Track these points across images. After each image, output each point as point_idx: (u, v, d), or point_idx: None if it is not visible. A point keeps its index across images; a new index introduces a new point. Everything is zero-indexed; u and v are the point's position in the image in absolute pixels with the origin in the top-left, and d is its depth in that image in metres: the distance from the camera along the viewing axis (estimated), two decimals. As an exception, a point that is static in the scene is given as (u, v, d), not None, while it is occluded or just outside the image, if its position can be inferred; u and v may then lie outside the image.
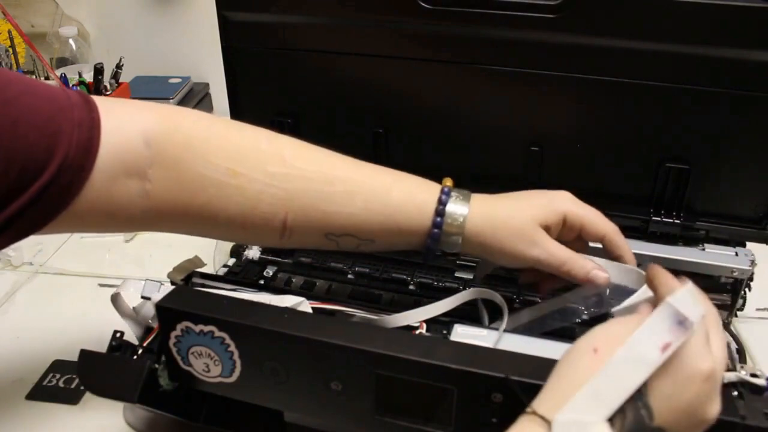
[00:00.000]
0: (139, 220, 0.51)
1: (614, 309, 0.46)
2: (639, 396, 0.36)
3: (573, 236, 0.52)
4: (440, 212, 0.49)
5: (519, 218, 0.50)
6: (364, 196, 0.50)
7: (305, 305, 0.54)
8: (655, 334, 0.36)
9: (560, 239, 0.51)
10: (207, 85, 1.31)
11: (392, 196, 0.50)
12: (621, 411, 0.35)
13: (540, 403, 0.37)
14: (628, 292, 0.49)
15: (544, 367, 0.43)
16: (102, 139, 0.46)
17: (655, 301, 0.41)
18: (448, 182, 0.52)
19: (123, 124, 0.48)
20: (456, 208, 0.50)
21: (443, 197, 0.50)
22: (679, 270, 0.61)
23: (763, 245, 0.65)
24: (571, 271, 0.50)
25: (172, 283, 0.59)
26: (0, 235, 0.43)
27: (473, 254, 0.52)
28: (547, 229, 0.50)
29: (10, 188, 0.42)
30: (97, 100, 0.48)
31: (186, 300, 0.51)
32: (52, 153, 0.43)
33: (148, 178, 0.48)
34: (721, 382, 0.39)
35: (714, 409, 0.38)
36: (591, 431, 0.34)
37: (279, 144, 0.51)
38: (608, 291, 0.51)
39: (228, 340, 0.49)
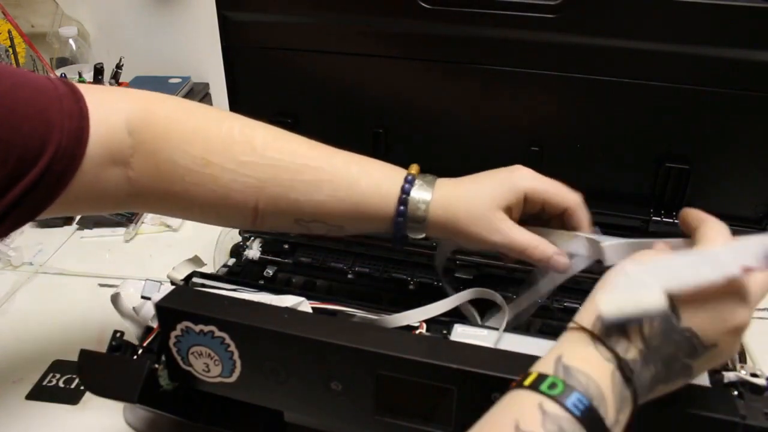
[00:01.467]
0: (124, 203, 0.53)
1: (606, 243, 0.47)
2: None
3: (537, 210, 0.52)
4: (403, 201, 0.51)
5: (479, 204, 0.50)
6: (332, 185, 0.52)
7: (305, 305, 0.54)
8: (745, 256, 0.37)
9: (526, 213, 0.52)
10: (207, 85, 1.31)
11: (359, 185, 0.52)
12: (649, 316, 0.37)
13: (577, 318, 0.40)
14: (587, 259, 0.50)
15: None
16: (90, 129, 0.48)
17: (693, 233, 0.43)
18: (414, 169, 0.53)
19: (108, 114, 0.49)
20: (419, 194, 0.51)
21: (406, 186, 0.51)
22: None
23: (763, 245, 0.65)
24: (531, 257, 0.50)
25: (172, 283, 0.59)
26: (1, 224, 0.45)
27: (438, 238, 0.53)
28: (508, 210, 0.51)
29: (8, 178, 0.44)
30: (81, 88, 0.49)
31: (186, 300, 0.51)
32: (45, 143, 0.45)
33: (131, 166, 0.51)
34: (757, 298, 0.39)
35: (742, 315, 0.39)
36: (648, 295, 0.37)
37: (251, 133, 0.53)
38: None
39: (228, 340, 0.49)
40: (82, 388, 0.69)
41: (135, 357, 0.55)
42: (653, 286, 0.37)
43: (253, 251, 0.72)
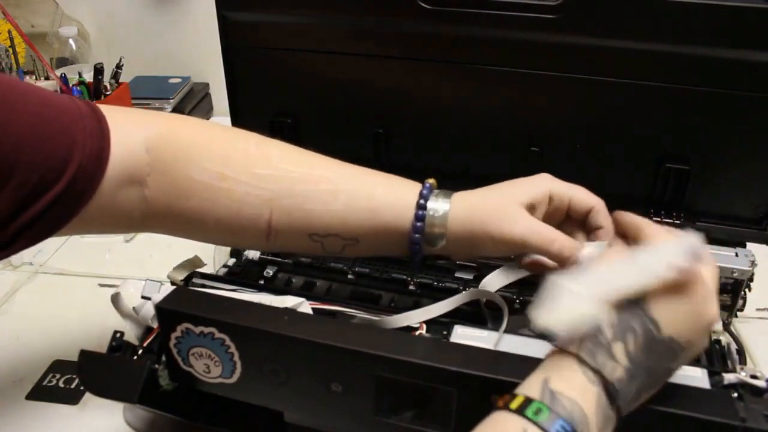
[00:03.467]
0: (138, 224, 0.52)
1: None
2: (643, 312, 0.39)
3: (561, 216, 0.51)
4: (422, 206, 0.49)
5: (501, 199, 0.49)
6: (348, 194, 0.50)
7: (305, 306, 0.54)
8: (671, 256, 0.39)
9: (551, 219, 0.51)
10: (207, 85, 1.31)
11: (375, 193, 0.51)
12: (630, 329, 0.39)
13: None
14: None
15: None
16: (111, 149, 0.48)
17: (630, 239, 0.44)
18: (431, 180, 0.52)
19: (128, 134, 0.49)
20: (437, 204, 0.49)
21: (424, 192, 0.50)
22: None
23: (763, 245, 0.65)
24: (562, 250, 0.46)
25: (172, 283, 0.59)
26: (16, 240, 0.45)
27: (459, 249, 0.51)
28: (532, 209, 0.49)
29: (29, 196, 0.44)
30: (103, 109, 0.49)
31: (186, 301, 0.51)
32: (67, 162, 0.45)
33: (147, 185, 0.50)
34: (716, 286, 0.41)
35: (713, 310, 0.41)
36: (583, 306, 0.39)
37: (267, 147, 0.53)
38: None
39: (228, 342, 0.49)
40: (82, 388, 0.69)
41: (135, 357, 0.55)
42: (588, 298, 0.39)
43: (253, 251, 0.72)
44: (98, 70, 1.11)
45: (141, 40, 1.32)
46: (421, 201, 0.49)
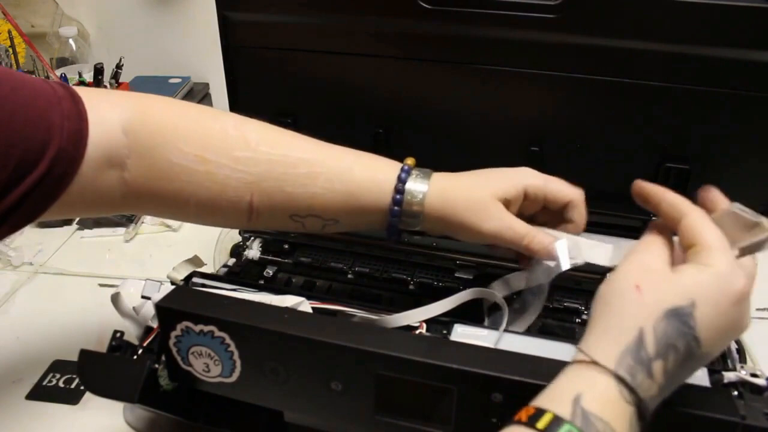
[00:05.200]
0: (120, 206, 0.53)
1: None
2: (689, 329, 0.37)
3: (537, 208, 0.52)
4: (400, 190, 0.51)
5: (477, 192, 0.50)
6: (326, 176, 0.51)
7: (305, 305, 0.54)
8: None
9: (524, 212, 0.52)
10: (207, 85, 1.31)
11: (353, 175, 0.51)
12: (673, 347, 0.37)
13: (592, 350, 0.37)
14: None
15: (544, 367, 0.43)
16: (89, 131, 0.48)
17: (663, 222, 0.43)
18: (410, 161, 0.53)
19: (105, 116, 0.49)
20: (415, 185, 0.51)
21: (402, 175, 0.51)
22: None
23: (763, 245, 0.65)
24: (530, 245, 0.49)
25: (172, 283, 0.59)
26: None
27: (435, 231, 0.53)
28: (507, 203, 0.50)
29: (8, 181, 0.43)
30: (79, 91, 0.49)
31: (186, 300, 0.51)
32: (46, 145, 0.45)
33: (126, 168, 0.50)
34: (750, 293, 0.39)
35: (747, 322, 0.39)
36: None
37: (246, 129, 0.53)
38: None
39: (228, 340, 0.49)
40: (82, 388, 0.69)
41: (135, 357, 0.55)
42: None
43: (253, 251, 0.72)
44: (98, 70, 1.11)
45: (141, 40, 1.32)
46: (399, 185, 0.51)
